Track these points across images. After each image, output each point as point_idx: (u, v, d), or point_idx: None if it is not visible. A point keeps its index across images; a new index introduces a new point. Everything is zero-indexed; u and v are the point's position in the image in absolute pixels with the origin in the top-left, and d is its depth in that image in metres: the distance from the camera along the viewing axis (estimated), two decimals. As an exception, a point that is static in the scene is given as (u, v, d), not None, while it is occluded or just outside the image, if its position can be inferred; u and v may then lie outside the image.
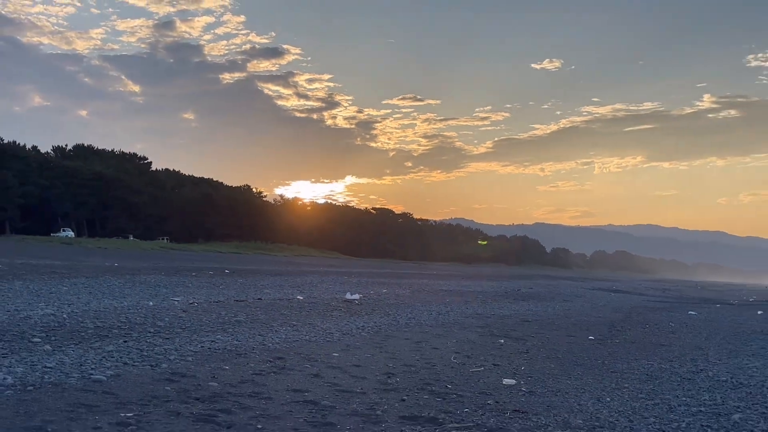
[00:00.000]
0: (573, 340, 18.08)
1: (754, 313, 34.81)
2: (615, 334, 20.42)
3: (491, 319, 22.28)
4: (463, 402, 9.50)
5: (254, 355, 12.25)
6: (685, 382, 11.93)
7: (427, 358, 13.21)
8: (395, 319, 20.17)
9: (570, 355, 14.89)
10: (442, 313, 23.21)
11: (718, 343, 18.55)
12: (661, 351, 16.38)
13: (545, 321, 23.51)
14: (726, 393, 10.93)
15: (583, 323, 23.32)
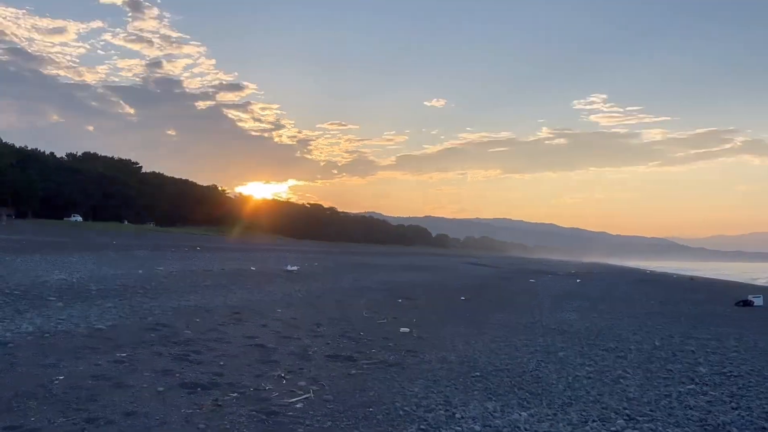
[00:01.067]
0: (450, 299, 18.33)
1: (574, 281, 35.94)
2: (479, 295, 20.79)
3: (393, 285, 22.40)
4: (372, 345, 9.53)
5: (218, 310, 12.04)
6: (527, 330, 12.21)
7: (345, 313, 13.20)
8: (323, 284, 20.10)
9: (447, 311, 15.09)
10: (358, 281, 23.23)
11: (549, 302, 19.07)
12: (510, 307, 16.74)
13: (431, 286, 23.78)
14: (554, 337, 11.23)
15: (456, 288, 23.68)
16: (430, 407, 6.09)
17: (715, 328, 13.51)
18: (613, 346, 10.33)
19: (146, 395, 5.98)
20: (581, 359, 9.03)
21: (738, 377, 8.01)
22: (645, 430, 5.56)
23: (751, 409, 6.36)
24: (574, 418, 5.87)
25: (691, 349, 10.31)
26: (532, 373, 7.89)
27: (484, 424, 5.60)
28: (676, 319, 15.08)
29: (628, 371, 8.24)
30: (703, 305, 20.20)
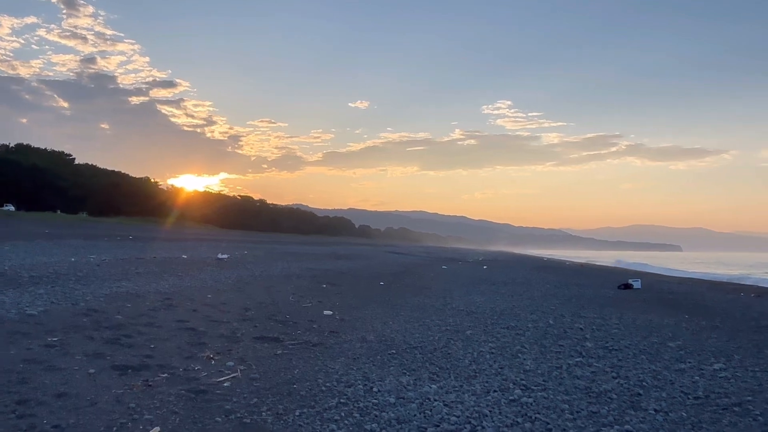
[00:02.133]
0: (370, 284, 18.42)
1: (481, 268, 36.83)
2: (396, 280, 20.99)
3: (318, 272, 22.28)
4: (297, 327, 9.47)
5: (149, 296, 11.63)
6: (439, 311, 12.44)
7: (273, 298, 13.04)
8: (252, 272, 19.75)
9: (368, 295, 15.17)
10: (285, 268, 22.96)
11: (459, 287, 19.48)
12: (424, 292, 17.00)
13: (353, 272, 23.80)
14: (463, 318, 11.50)
15: (376, 274, 23.82)
16: (350, 383, 6.12)
17: (600, 308, 14.19)
18: (514, 325, 10.68)
19: (77, 377, 5.72)
20: (485, 337, 9.29)
21: (618, 351, 8.46)
22: (538, 398, 5.78)
23: (629, 378, 6.74)
24: (478, 389, 6.04)
25: (580, 327, 10.79)
26: (442, 350, 8.06)
27: (398, 396, 5.68)
28: (567, 301, 15.73)
29: (525, 347, 8.54)
30: (590, 288, 21.15)
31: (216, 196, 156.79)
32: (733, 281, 38.63)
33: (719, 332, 10.64)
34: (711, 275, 47.59)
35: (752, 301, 19.25)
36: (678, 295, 19.92)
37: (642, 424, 5.07)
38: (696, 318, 12.75)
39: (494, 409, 5.32)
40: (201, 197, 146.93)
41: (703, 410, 5.55)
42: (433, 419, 4.99)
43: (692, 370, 7.26)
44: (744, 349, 8.92)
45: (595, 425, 4.99)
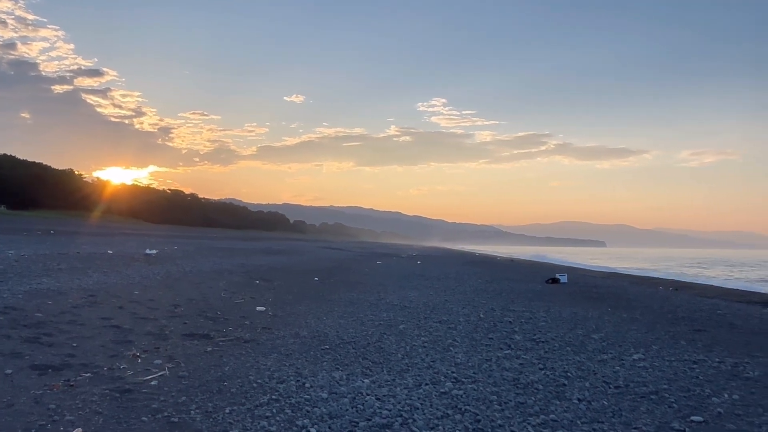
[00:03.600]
0: (304, 280, 18.31)
1: (416, 263, 37.26)
2: (331, 276, 20.95)
3: (251, 267, 21.95)
4: (228, 323, 9.30)
5: (72, 293, 11.15)
6: (373, 306, 12.50)
7: (204, 294, 12.76)
8: (182, 267, 19.24)
9: (302, 290, 15.07)
10: (217, 264, 22.49)
11: (393, 282, 19.63)
12: (359, 287, 17.04)
13: (287, 268, 23.58)
14: (396, 313, 11.59)
15: (311, 269, 23.69)
16: (282, 379, 6.07)
17: (529, 302, 14.62)
18: (446, 319, 10.86)
19: (-8, 379, 5.42)
20: (418, 331, 9.41)
21: (545, 343, 8.74)
22: (468, 390, 5.91)
23: (554, 369, 6.98)
24: (410, 383, 6.11)
25: (509, 320, 11.09)
26: (376, 345, 8.11)
27: (330, 391, 5.67)
28: (498, 295, 16.13)
29: (457, 340, 8.70)
30: (520, 283, 21.76)
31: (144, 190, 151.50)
32: (653, 276, 40.61)
33: (639, 324, 11.17)
34: (633, 270, 49.88)
35: (670, 294, 20.30)
36: (602, 289, 20.76)
37: (566, 413, 5.27)
38: (618, 311, 13.33)
39: (425, 402, 5.40)
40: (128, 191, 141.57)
41: (623, 399, 5.81)
42: (365, 413, 5.02)
43: (614, 361, 7.59)
44: (662, 340, 9.39)
45: (522, 415, 5.14)
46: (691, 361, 7.69)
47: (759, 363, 7.73)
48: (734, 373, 7.10)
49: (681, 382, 6.52)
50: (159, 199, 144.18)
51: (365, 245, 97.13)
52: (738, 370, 7.23)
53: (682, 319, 12.18)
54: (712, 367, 7.36)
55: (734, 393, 6.11)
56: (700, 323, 11.65)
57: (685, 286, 29.06)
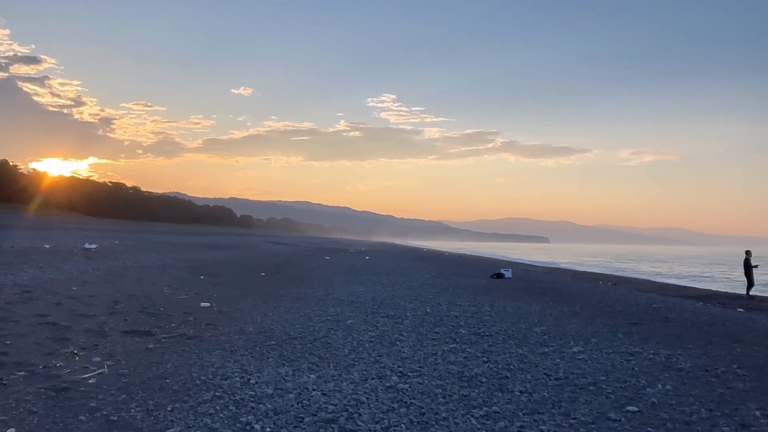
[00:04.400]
0: (251, 275, 18.09)
1: (364, 258, 37.33)
2: (278, 271, 20.77)
3: (196, 263, 21.54)
4: (171, 319, 9.10)
5: (5, 289, 10.68)
6: (320, 301, 12.45)
7: (146, 290, 12.44)
8: (123, 263, 18.71)
9: (248, 286, 14.88)
10: (160, 259, 21.96)
11: (341, 277, 19.61)
12: (306, 282, 16.95)
13: (234, 263, 23.24)
14: (344, 308, 11.57)
15: (258, 265, 23.42)
16: (227, 375, 5.98)
17: (475, 296, 14.86)
18: (393, 314, 10.92)
19: None
20: (366, 326, 9.43)
21: (489, 336, 8.91)
22: (414, 383, 5.97)
23: (497, 362, 7.12)
24: (356, 377, 6.12)
25: (455, 314, 11.24)
26: (323, 340, 8.08)
27: (276, 387, 5.63)
28: (444, 290, 16.33)
29: (403, 335, 8.77)
30: (466, 278, 22.09)
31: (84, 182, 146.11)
32: (594, 271, 41.91)
33: (579, 318, 11.50)
34: (575, 265, 51.36)
35: (609, 288, 21.00)
36: (545, 283, 21.30)
37: (508, 404, 5.38)
38: (560, 305, 13.70)
39: (371, 396, 5.43)
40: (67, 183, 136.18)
41: (562, 390, 5.97)
42: (311, 408, 5.00)
43: (554, 354, 7.80)
44: (600, 333, 9.70)
45: (466, 407, 5.23)
46: (627, 354, 7.98)
47: (691, 355, 8.08)
48: (668, 364, 7.39)
49: (618, 374, 6.75)
50: (99, 192, 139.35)
51: (314, 240, 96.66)
52: (671, 362, 7.53)
53: (620, 313, 12.61)
54: (647, 359, 7.65)
55: (668, 384, 6.37)
56: (636, 317, 12.09)
57: (623, 281, 30.12)
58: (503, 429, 4.70)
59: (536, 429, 4.73)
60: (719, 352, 8.40)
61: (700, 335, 9.91)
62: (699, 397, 5.88)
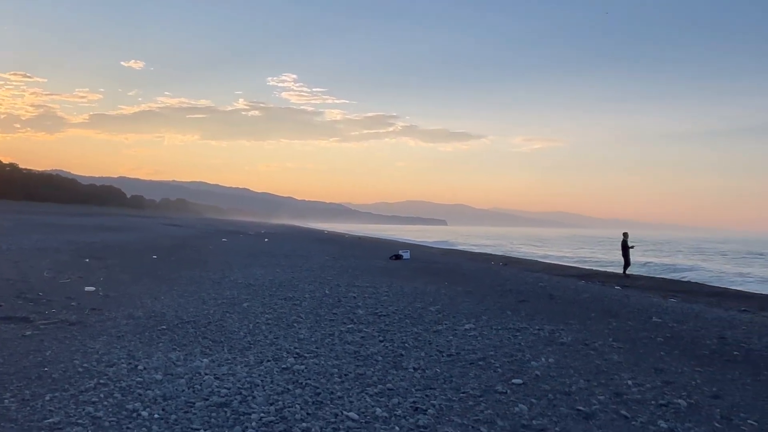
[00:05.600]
0: (141, 258, 17.31)
1: (263, 240, 36.75)
2: (171, 254, 20.02)
3: (81, 245, 20.30)
4: (52, 305, 8.53)
5: None
6: (216, 284, 12.13)
7: (24, 273, 11.59)
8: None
9: (139, 269, 14.24)
10: (41, 241, 20.52)
11: (238, 260, 19.21)
12: (202, 265, 16.46)
13: (123, 246, 22.12)
14: (241, 290, 11.35)
15: (149, 247, 22.44)
16: (112, 362, 5.70)
17: (373, 278, 15.05)
18: (291, 296, 10.84)
19: None
20: (263, 308, 9.30)
21: (386, 316, 9.06)
22: (310, 364, 5.96)
23: (393, 341, 7.26)
24: (252, 360, 6.03)
25: (353, 295, 11.33)
26: (217, 324, 7.89)
27: (166, 372, 5.43)
28: (344, 272, 16.41)
29: (301, 316, 8.73)
30: (366, 260, 22.32)
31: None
32: (487, 252, 43.64)
33: (472, 297, 11.95)
34: (470, 247, 53.23)
35: (500, 269, 21.96)
36: (441, 264, 21.93)
37: (402, 381, 5.51)
38: (454, 285, 14.16)
39: (266, 379, 5.37)
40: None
41: (454, 366, 6.19)
42: (203, 393, 4.88)
43: (447, 331, 8.06)
44: (490, 310, 10.14)
45: (361, 386, 5.30)
46: (515, 329, 8.39)
47: (572, 329, 8.63)
48: (551, 339, 7.85)
49: (506, 349, 7.08)
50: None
51: (210, 222, 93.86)
52: (554, 336, 8.01)
53: (509, 292, 13.23)
54: (532, 334, 8.09)
55: (550, 357, 6.77)
56: (524, 295, 12.73)
57: (513, 261, 31.59)
58: (397, 405, 4.81)
59: (428, 403, 4.88)
60: (597, 326, 9.03)
61: (581, 311, 10.60)
62: (578, 368, 6.29)
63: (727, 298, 16.54)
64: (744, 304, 14.87)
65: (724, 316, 11.20)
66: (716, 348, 7.78)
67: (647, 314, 10.59)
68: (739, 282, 23.49)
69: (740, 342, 8.25)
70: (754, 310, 13.54)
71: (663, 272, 27.99)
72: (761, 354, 7.52)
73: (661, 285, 19.87)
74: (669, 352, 7.39)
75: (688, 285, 21.08)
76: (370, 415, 4.54)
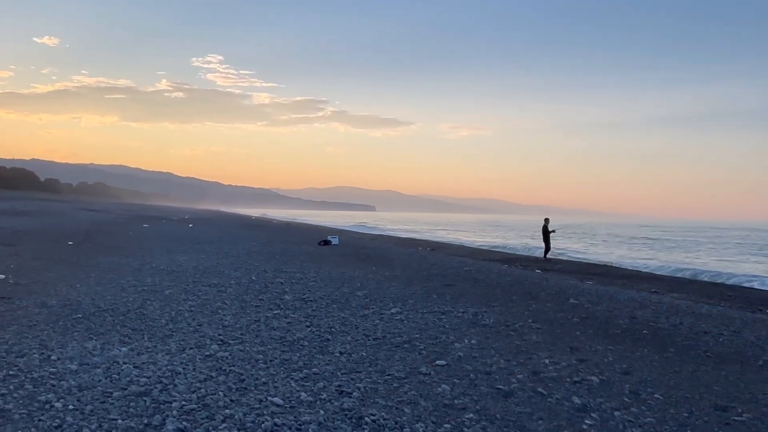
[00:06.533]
0: (56, 245, 16.49)
1: (187, 226, 35.78)
2: (89, 240, 19.18)
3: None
4: (-45, 294, 8.02)
5: None
6: (136, 271, 11.74)
7: None
8: None
9: (53, 256, 13.57)
10: (-58, 226, 19.19)
11: (161, 246, 18.64)
12: (122, 251, 15.88)
13: (36, 231, 20.99)
14: (163, 277, 11.04)
15: (65, 233, 21.40)
16: (23, 352, 5.42)
17: (301, 263, 14.96)
18: (216, 282, 10.63)
19: None
20: (186, 295, 9.07)
21: (313, 302, 9.04)
22: (235, 351, 5.88)
23: (320, 326, 7.26)
24: (173, 348, 5.88)
25: (281, 281, 11.23)
26: (137, 311, 7.64)
27: (81, 362, 5.22)
28: (272, 257, 16.23)
29: (226, 303, 8.58)
30: (294, 245, 22.14)
31: None
32: (415, 237, 44.23)
33: (399, 281, 12.10)
34: (398, 232, 53.78)
35: (427, 254, 22.31)
36: (369, 250, 22.05)
37: (328, 366, 5.52)
38: (382, 269, 14.28)
39: (188, 366, 5.25)
40: None
41: (380, 349, 6.26)
42: (121, 383, 4.72)
43: (374, 315, 8.13)
44: (417, 294, 10.30)
45: (286, 371, 5.27)
46: (440, 312, 8.57)
47: (494, 311, 8.89)
48: (474, 321, 8.07)
49: (430, 332, 7.22)
50: None
51: (131, 207, 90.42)
52: (477, 319, 8.23)
53: (436, 276, 13.47)
54: (456, 317, 8.28)
55: (473, 338, 6.96)
56: (450, 279, 13.00)
57: (440, 246, 32.17)
58: (322, 389, 4.82)
59: (353, 386, 4.92)
60: (518, 308, 9.35)
61: (503, 294, 10.94)
62: (499, 349, 6.51)
63: (639, 280, 17.48)
64: (654, 285, 15.78)
65: (636, 297, 11.84)
66: (627, 327, 8.22)
67: (565, 296, 11.04)
68: (651, 266, 24.84)
69: (649, 321, 8.75)
70: (664, 291, 14.40)
71: (581, 256, 29.23)
72: (668, 332, 8.00)
73: (578, 268, 20.77)
74: (584, 331, 7.75)
75: (604, 268, 22.13)
76: (295, 400, 4.53)
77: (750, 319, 9.68)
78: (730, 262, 29.71)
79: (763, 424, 4.54)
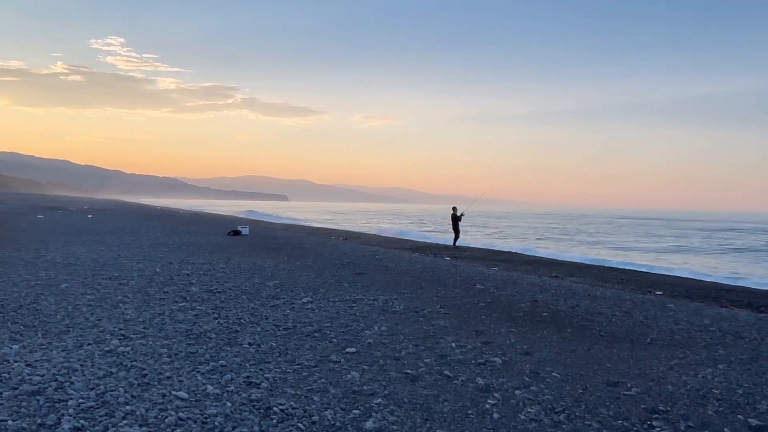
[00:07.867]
0: (-64, 238, 15.18)
1: (86, 217, 33.97)
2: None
3: None
4: None
5: None
6: (29, 265, 11.03)
7: None
8: None
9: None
10: None
11: (57, 237, 17.59)
12: (11, 243, 14.85)
13: None
14: (59, 270, 10.44)
15: (-54, 225, 19.74)
16: None
17: (210, 254, 14.57)
18: (117, 275, 10.17)
19: None
20: (84, 289, 8.62)
21: (222, 293, 8.84)
22: (137, 345, 5.66)
23: (228, 318, 7.12)
24: (70, 344, 5.59)
25: (187, 272, 10.90)
26: (30, 307, 7.19)
27: (-35, 363, 4.86)
28: (177, 248, 15.70)
29: (128, 296, 8.24)
30: (202, 236, 21.52)
31: None
32: (328, 227, 44.16)
33: (311, 271, 12.05)
34: (311, 222, 53.49)
35: (340, 243, 22.33)
36: (281, 239, 21.79)
37: (236, 357, 5.43)
38: (293, 259, 14.16)
39: (86, 363, 5.01)
40: None
41: (290, 339, 6.23)
42: (11, 382, 4.44)
43: (285, 305, 8.07)
44: (328, 283, 10.30)
45: (192, 364, 5.14)
46: (351, 301, 8.62)
47: (404, 298, 9.05)
48: (385, 308, 8.18)
49: (341, 320, 7.26)
50: None
51: (24, 197, 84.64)
52: (388, 306, 8.35)
53: (348, 265, 13.52)
54: (367, 305, 8.36)
55: (383, 325, 7.06)
56: (362, 267, 13.09)
57: (353, 235, 32.29)
58: (229, 381, 4.74)
59: (262, 377, 4.87)
60: (428, 295, 9.56)
61: (413, 281, 11.14)
62: (408, 335, 6.64)
63: (542, 266, 18.31)
64: (555, 270, 16.58)
65: (538, 281, 12.39)
66: (529, 310, 8.61)
67: (472, 282, 11.40)
68: (552, 252, 26.06)
69: (549, 304, 9.20)
70: (563, 276, 15.16)
71: (488, 244, 30.22)
72: (566, 314, 8.44)
73: (486, 255, 21.47)
74: (489, 315, 8.04)
75: (509, 255, 22.99)
76: (201, 393, 4.43)
77: (640, 300, 10.37)
78: (625, 249, 31.69)
79: (650, 397, 4.89)
